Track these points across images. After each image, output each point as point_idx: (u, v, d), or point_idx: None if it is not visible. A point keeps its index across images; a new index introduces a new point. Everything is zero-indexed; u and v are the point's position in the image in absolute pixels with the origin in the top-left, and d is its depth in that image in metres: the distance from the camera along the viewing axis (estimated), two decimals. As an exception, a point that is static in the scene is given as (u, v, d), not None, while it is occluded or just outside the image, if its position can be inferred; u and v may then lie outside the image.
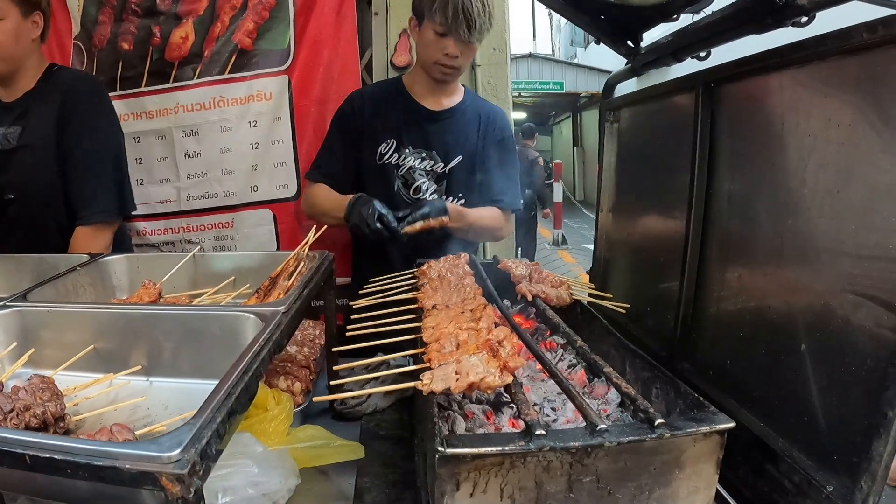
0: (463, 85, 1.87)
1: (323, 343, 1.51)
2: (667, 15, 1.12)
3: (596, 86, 14.13)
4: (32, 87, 1.62)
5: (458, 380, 0.74)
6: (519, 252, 6.77)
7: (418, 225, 1.57)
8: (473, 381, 0.73)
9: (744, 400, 1.02)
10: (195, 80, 2.21)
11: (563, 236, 9.27)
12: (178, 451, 0.56)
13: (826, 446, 0.82)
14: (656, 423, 0.64)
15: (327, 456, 1.08)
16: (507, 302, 1.45)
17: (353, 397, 1.15)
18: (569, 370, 1.13)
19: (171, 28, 2.18)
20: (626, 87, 1.56)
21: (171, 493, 0.54)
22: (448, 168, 1.78)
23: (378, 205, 1.56)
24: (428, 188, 1.77)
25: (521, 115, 19.90)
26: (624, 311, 1.34)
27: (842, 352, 0.80)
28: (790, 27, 0.95)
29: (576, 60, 14.26)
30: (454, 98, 1.82)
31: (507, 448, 0.62)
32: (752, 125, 1.06)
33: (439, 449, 0.62)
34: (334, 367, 1.02)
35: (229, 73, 2.21)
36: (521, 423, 0.65)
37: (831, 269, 0.84)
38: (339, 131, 1.83)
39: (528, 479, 0.64)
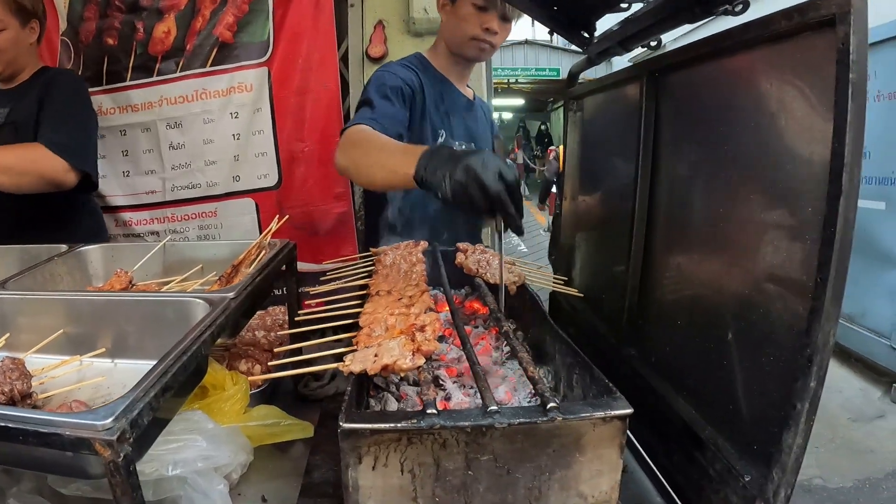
0: None
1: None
2: (611, 4, 1.12)
3: (592, 72, 13.90)
4: (27, 80, 1.79)
5: (374, 362, 0.78)
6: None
7: None
8: (387, 364, 0.77)
9: (679, 388, 1.04)
10: (178, 74, 2.25)
11: (556, 223, 9.29)
12: (110, 419, 0.62)
13: (748, 436, 0.84)
14: (548, 406, 0.67)
15: (278, 434, 1.13)
16: (466, 289, 1.48)
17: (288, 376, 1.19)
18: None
19: (153, 23, 2.23)
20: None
21: (104, 457, 0.61)
22: None
23: (491, 156, 0.95)
24: None
25: (518, 101, 19.65)
26: (577, 295, 1.36)
27: (763, 342, 0.82)
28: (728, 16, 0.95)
29: (572, 47, 13.93)
30: (468, 88, 1.74)
31: (400, 425, 0.65)
32: (689, 113, 1.07)
33: (341, 423, 0.67)
34: (275, 350, 1.07)
35: (211, 65, 2.25)
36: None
37: (755, 258, 0.85)
38: (397, 97, 1.48)
39: (426, 456, 0.67)
